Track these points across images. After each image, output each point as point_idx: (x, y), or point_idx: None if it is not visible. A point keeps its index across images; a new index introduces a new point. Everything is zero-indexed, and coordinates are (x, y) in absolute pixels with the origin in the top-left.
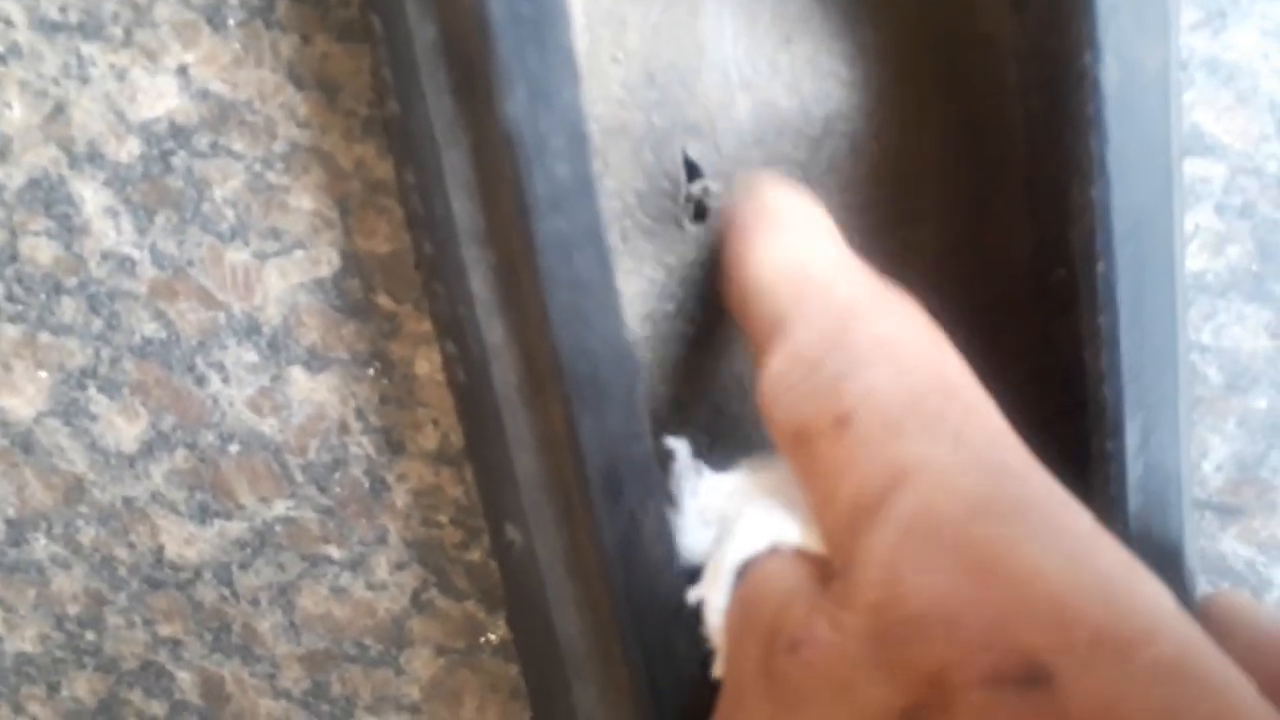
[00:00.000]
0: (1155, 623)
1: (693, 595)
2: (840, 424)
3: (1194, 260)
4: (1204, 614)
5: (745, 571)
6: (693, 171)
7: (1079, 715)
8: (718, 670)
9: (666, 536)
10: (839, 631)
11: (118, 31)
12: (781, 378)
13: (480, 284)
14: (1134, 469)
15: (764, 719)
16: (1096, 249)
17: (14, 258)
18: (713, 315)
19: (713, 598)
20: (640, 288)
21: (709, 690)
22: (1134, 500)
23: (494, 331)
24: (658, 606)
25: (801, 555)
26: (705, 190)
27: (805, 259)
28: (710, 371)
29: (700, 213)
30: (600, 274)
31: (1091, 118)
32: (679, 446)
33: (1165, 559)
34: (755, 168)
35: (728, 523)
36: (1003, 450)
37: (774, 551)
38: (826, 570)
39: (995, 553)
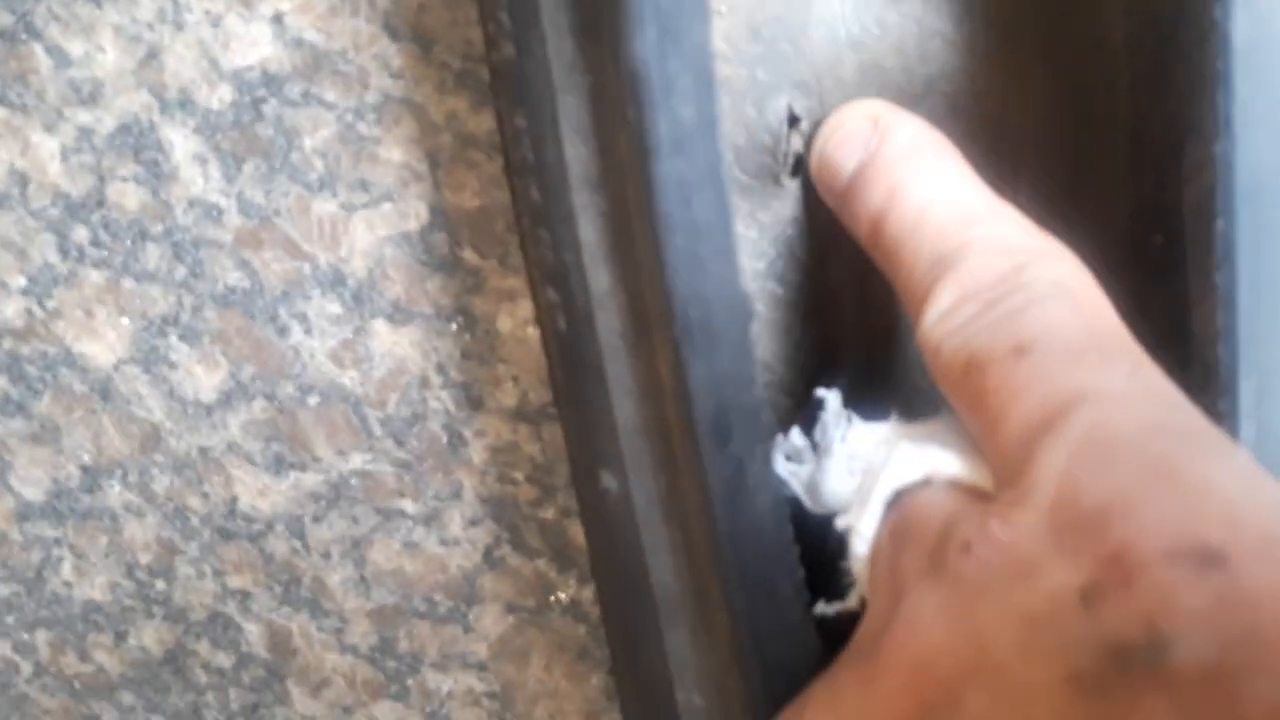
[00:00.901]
0: None
1: (841, 522)
2: (1019, 352)
3: None
4: None
5: (897, 502)
6: (795, 125)
7: (1253, 592)
8: (853, 600)
9: (773, 484)
10: (1014, 529)
11: None
12: (953, 311)
13: (589, 230)
14: (1246, 430)
15: (937, 610)
16: (1215, 206)
17: (101, 203)
18: (801, 275)
19: (862, 524)
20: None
21: (810, 637)
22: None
23: (600, 278)
24: (763, 552)
25: (957, 484)
26: (807, 137)
27: (964, 199)
28: (797, 332)
29: (798, 167)
30: (719, 217)
31: (1219, 73)
32: (830, 396)
33: None
34: None
35: (879, 459)
36: (1167, 387)
37: (929, 482)
38: (987, 498)
39: (1171, 463)
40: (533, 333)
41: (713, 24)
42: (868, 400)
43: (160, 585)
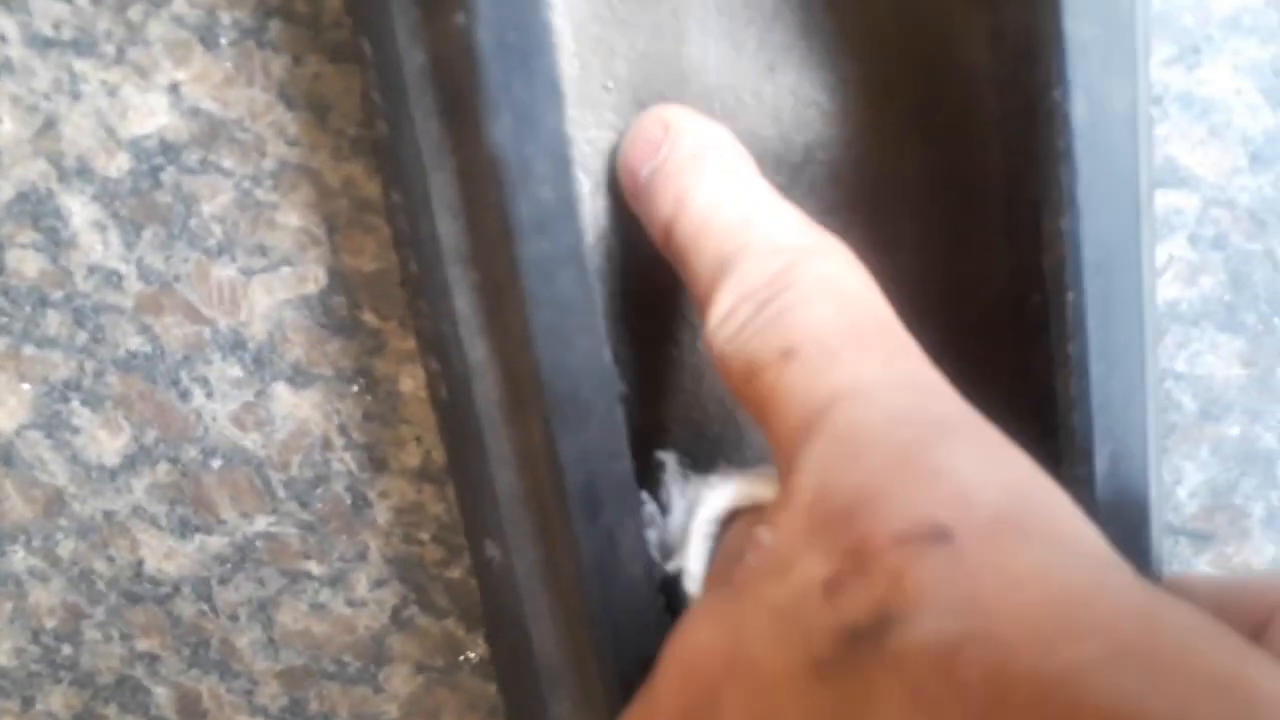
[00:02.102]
0: (1053, 512)
1: (671, 567)
2: (786, 356)
3: (1168, 290)
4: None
5: (719, 539)
6: None
7: (976, 567)
8: None
9: (643, 554)
10: (779, 531)
11: (110, 49)
12: (731, 315)
13: (464, 303)
14: (1103, 495)
15: (707, 613)
16: (1066, 278)
17: (0, 270)
18: (697, 336)
19: (689, 564)
20: (626, 309)
21: None
22: (1104, 527)
23: (476, 349)
24: (634, 621)
25: (758, 509)
26: None
27: (742, 201)
28: (692, 394)
29: None
30: (582, 294)
31: (1062, 151)
32: (668, 458)
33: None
34: None
35: (696, 500)
36: (925, 374)
37: (737, 512)
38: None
39: (913, 451)
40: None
41: (566, 111)
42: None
43: (67, 650)
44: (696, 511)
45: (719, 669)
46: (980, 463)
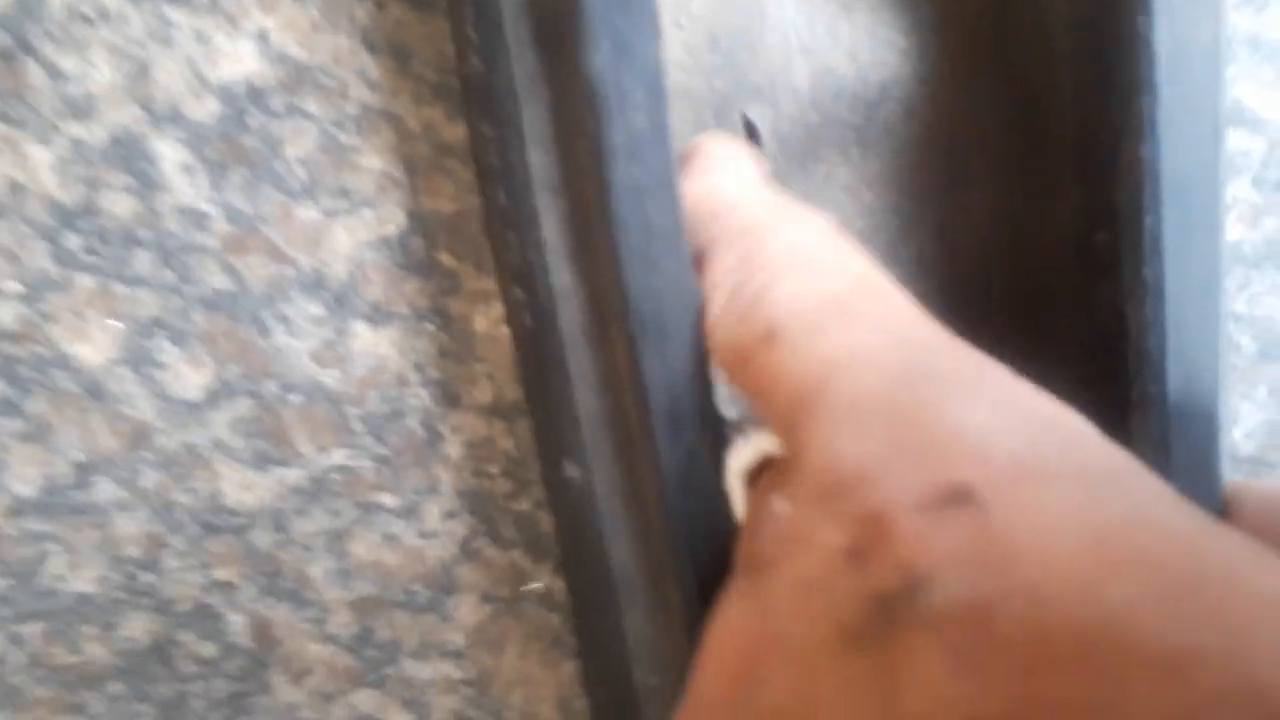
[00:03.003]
0: (1074, 445)
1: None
2: (769, 337)
3: (1230, 231)
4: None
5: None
6: (751, 132)
7: (1003, 524)
8: None
9: (722, 471)
10: (792, 504)
11: None
12: (711, 304)
13: (552, 231)
14: (1176, 413)
15: (738, 595)
16: (1144, 205)
17: (93, 211)
18: None
19: (736, 513)
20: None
21: None
22: (1175, 443)
23: (562, 276)
24: (714, 535)
25: (781, 460)
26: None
27: (724, 194)
28: None
29: None
30: (670, 219)
31: (1144, 80)
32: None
33: (1204, 500)
34: (812, 130)
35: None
36: (917, 329)
37: (768, 462)
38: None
39: (918, 412)
40: (505, 332)
41: (669, 43)
42: None
43: (148, 578)
44: (729, 461)
45: (755, 647)
46: (991, 411)
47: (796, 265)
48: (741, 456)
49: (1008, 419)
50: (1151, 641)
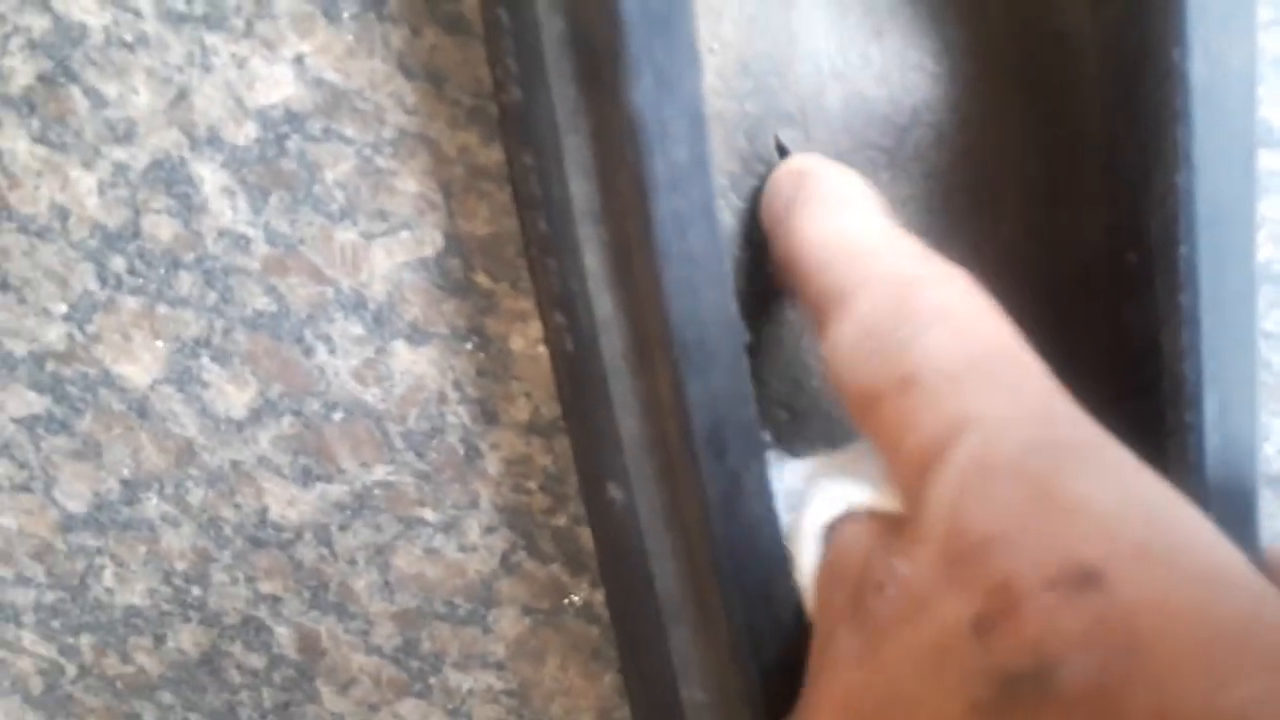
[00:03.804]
0: (1196, 538)
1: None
2: (905, 384)
3: (1261, 250)
4: (1267, 563)
5: (828, 536)
6: (784, 155)
7: (1130, 608)
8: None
9: (767, 493)
10: (915, 565)
11: (239, 23)
12: (847, 346)
13: (593, 259)
14: (1211, 440)
15: (855, 652)
16: (1179, 233)
17: (136, 234)
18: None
19: (800, 556)
20: (728, 267)
21: (802, 633)
22: (1212, 471)
23: (604, 303)
24: (757, 556)
25: (875, 514)
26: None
27: (862, 233)
28: (791, 348)
29: None
30: (712, 248)
31: (1179, 110)
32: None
33: (1241, 528)
34: (844, 154)
35: (807, 494)
36: (1051, 400)
37: (850, 514)
38: (900, 524)
39: (1050, 483)
40: (543, 351)
41: (703, 69)
42: None
43: (196, 591)
44: (805, 511)
45: (873, 710)
46: (1118, 491)
47: (942, 323)
48: (823, 509)
49: (1133, 501)
50: None
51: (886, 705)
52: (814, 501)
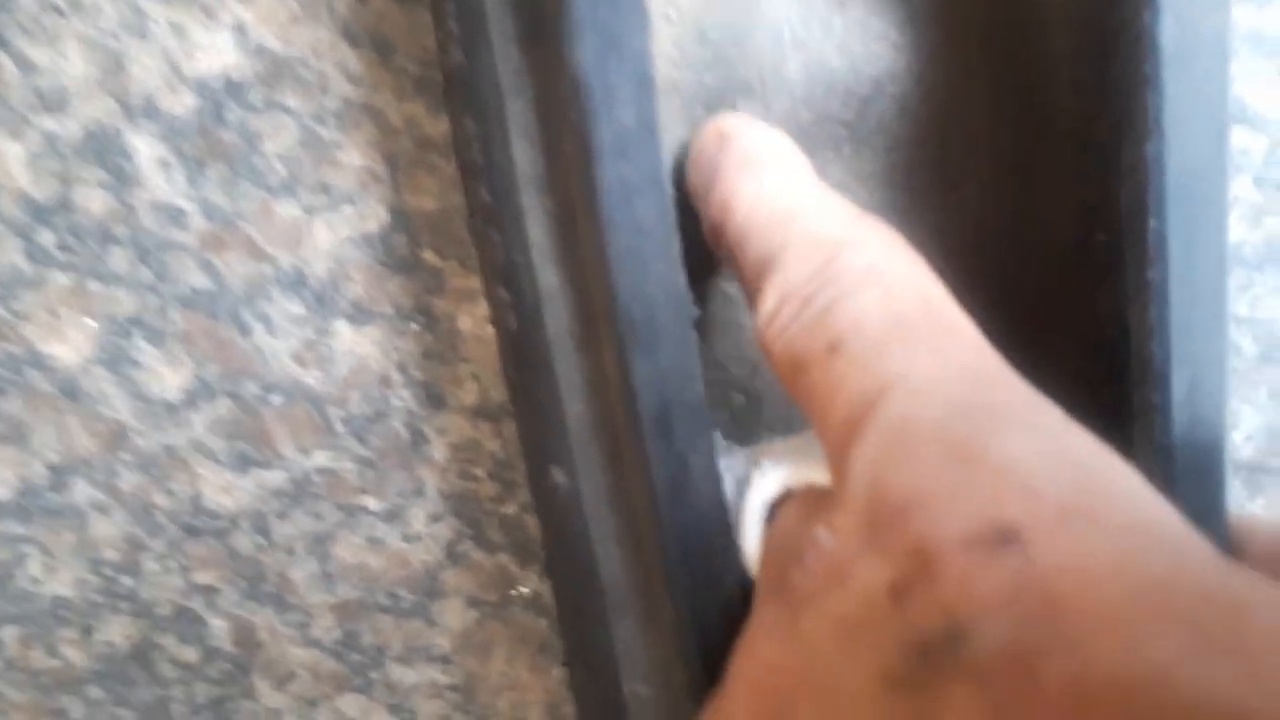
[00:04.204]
0: (1120, 492)
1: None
2: (831, 350)
3: (1232, 232)
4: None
5: (770, 516)
6: None
7: (1048, 569)
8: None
9: (714, 476)
10: (836, 533)
11: None
12: (776, 314)
13: (538, 230)
14: (1179, 420)
15: (774, 625)
16: (1148, 205)
17: (66, 207)
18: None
19: (744, 546)
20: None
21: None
22: (1179, 451)
23: (549, 277)
24: (704, 541)
25: (810, 491)
26: None
27: (787, 198)
28: (747, 327)
29: None
30: (660, 219)
31: (1148, 76)
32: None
33: (1208, 511)
34: (804, 127)
35: (749, 477)
36: (979, 360)
37: (789, 493)
38: (828, 496)
39: (970, 445)
40: (491, 332)
41: (651, 32)
42: None
43: (127, 581)
44: (747, 493)
45: (789, 684)
46: (1042, 450)
47: (867, 285)
48: (763, 489)
49: (1057, 459)
50: (1196, 702)
51: (802, 679)
52: (756, 483)
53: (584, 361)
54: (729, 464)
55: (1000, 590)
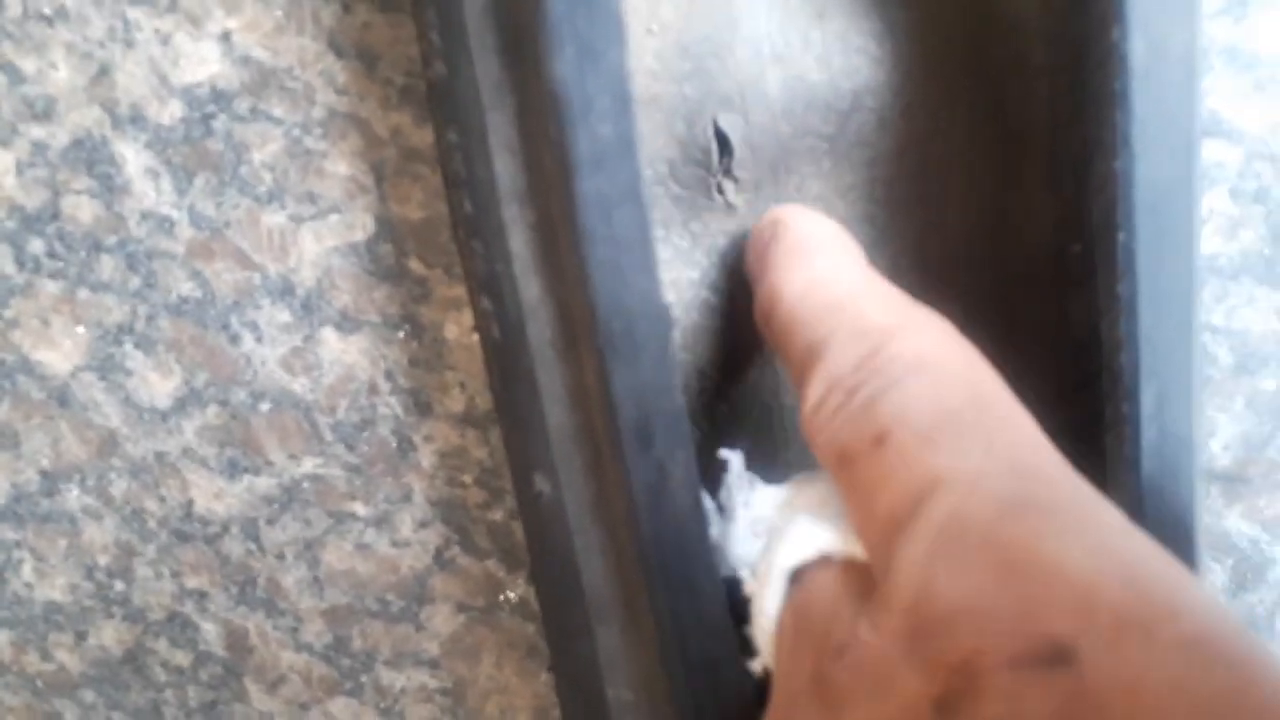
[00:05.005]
0: (1178, 603)
1: (745, 590)
2: (877, 442)
3: (1208, 243)
4: None
5: (797, 578)
6: (723, 142)
7: (1101, 689)
8: (757, 666)
9: (693, 486)
10: (878, 634)
11: None
12: (821, 404)
13: (519, 242)
14: (1148, 433)
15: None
16: (1118, 219)
17: (55, 216)
18: (733, 283)
19: (765, 601)
20: (666, 255)
21: (728, 632)
22: (1147, 464)
23: (530, 288)
24: (683, 550)
25: (850, 565)
26: (730, 171)
27: (836, 286)
28: (731, 339)
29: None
30: (638, 231)
31: (1117, 92)
32: (733, 458)
33: (1176, 524)
34: (784, 140)
35: (779, 530)
36: (1033, 456)
37: (824, 560)
38: (869, 580)
39: (1022, 549)
40: (477, 340)
41: (629, 45)
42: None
43: (119, 586)
44: (779, 546)
45: None
46: (1097, 556)
47: (915, 376)
48: (799, 548)
49: (1112, 565)
50: None
51: None
52: (786, 540)
53: (565, 371)
54: (746, 500)
55: (1053, 709)
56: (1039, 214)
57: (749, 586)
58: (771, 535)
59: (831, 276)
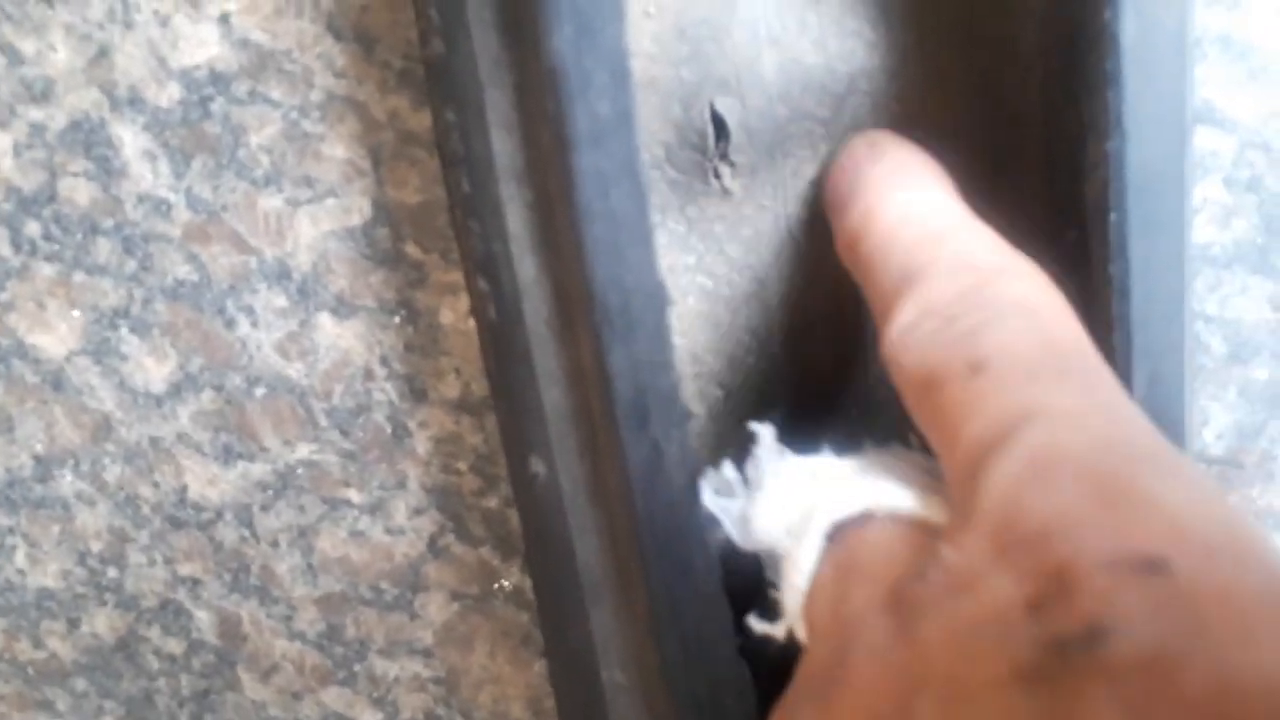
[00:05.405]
0: (1265, 542)
1: (780, 548)
2: (975, 369)
3: (1201, 232)
4: None
5: (837, 536)
6: (720, 125)
7: (1196, 593)
8: (780, 629)
9: (688, 465)
10: (963, 551)
11: None
12: (914, 327)
13: (516, 220)
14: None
15: (886, 634)
16: (1110, 201)
17: (52, 198)
18: (728, 268)
19: (800, 557)
20: (662, 240)
21: (723, 612)
22: None
23: (527, 267)
24: (677, 531)
25: (903, 519)
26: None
27: (936, 218)
28: (725, 324)
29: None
30: (636, 209)
31: (1109, 73)
32: (764, 430)
33: None
34: (780, 123)
35: (816, 492)
36: (1127, 407)
37: (869, 516)
38: (934, 529)
39: (1116, 480)
40: (473, 325)
41: (627, 21)
42: (795, 391)
43: (112, 573)
44: (818, 506)
45: (908, 686)
46: (1189, 494)
47: (1019, 314)
48: (836, 509)
49: (1204, 505)
50: None
51: (920, 682)
52: (831, 498)
53: (561, 351)
54: (778, 470)
55: (1145, 603)
56: (1034, 197)
57: (783, 546)
58: (807, 497)
59: (932, 208)
